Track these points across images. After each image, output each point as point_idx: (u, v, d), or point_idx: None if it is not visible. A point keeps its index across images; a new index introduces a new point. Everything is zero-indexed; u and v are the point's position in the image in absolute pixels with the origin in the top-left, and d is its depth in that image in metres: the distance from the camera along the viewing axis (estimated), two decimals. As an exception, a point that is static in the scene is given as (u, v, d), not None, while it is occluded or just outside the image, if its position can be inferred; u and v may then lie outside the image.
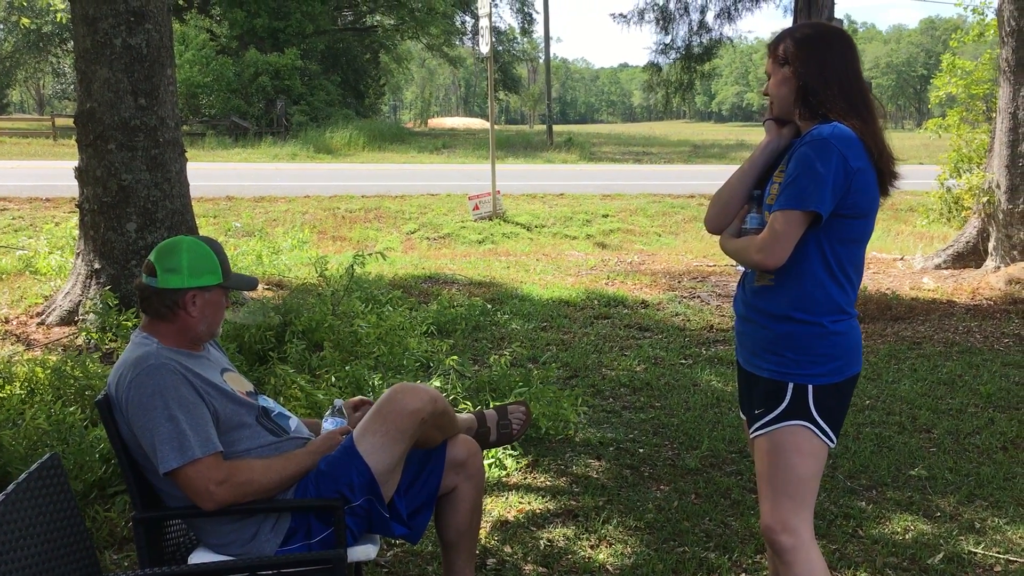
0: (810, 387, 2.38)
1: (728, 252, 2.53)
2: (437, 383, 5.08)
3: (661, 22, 18.92)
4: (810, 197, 2.27)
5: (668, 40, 19.07)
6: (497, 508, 3.84)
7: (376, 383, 4.88)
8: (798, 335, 2.38)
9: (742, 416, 2.74)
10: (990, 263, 9.12)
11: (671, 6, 18.84)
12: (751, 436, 2.50)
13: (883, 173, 2.38)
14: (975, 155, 11.43)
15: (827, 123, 2.34)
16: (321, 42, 35.45)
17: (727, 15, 18.59)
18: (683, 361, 6.16)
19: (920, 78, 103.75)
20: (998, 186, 8.99)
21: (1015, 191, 8.84)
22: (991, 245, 9.21)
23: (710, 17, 18.60)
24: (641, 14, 19.17)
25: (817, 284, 2.36)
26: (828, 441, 2.41)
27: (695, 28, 18.72)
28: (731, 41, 20.30)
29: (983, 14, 12.48)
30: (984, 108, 11.82)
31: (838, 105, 2.36)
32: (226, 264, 2.67)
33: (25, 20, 29.10)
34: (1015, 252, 8.86)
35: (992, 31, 11.53)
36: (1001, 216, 8.95)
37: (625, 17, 19.63)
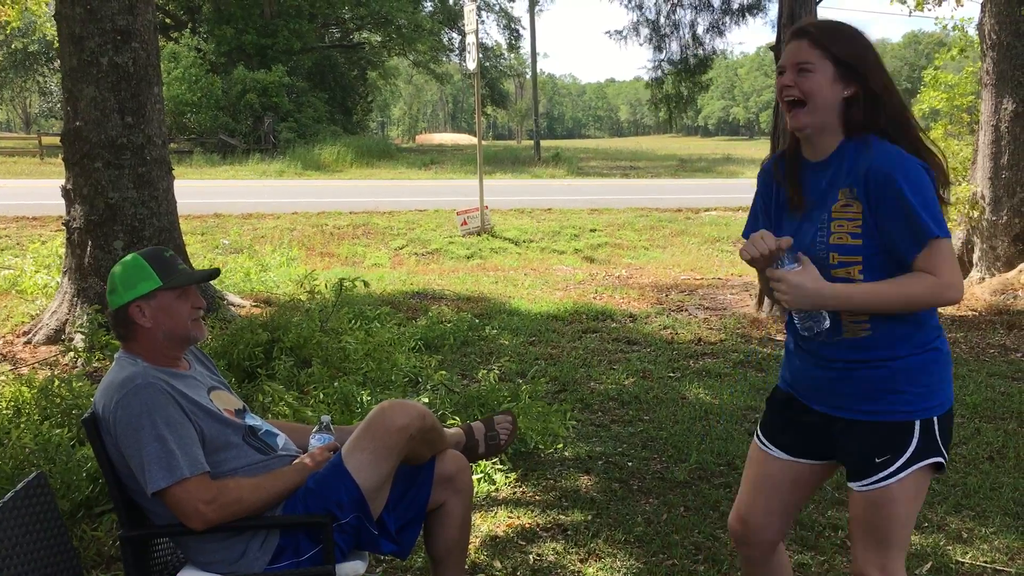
0: (936, 420, 2.18)
1: (875, 302, 2.13)
2: (425, 399, 5.07)
3: (654, 39, 19.16)
4: (946, 223, 2.09)
5: (663, 56, 19.36)
6: (486, 523, 3.83)
7: (364, 399, 4.87)
8: (919, 366, 2.17)
9: (772, 450, 2.43)
10: (975, 274, 9.18)
11: (661, 21, 19.08)
12: (865, 488, 2.20)
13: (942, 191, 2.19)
14: (960, 167, 11.52)
15: (871, 138, 2.14)
16: (308, 59, 35.55)
17: (716, 29, 18.85)
18: (671, 374, 6.18)
19: (904, 91, 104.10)
20: (982, 198, 9.07)
21: (998, 203, 8.91)
22: (976, 256, 9.27)
23: (701, 31, 18.88)
24: (635, 28, 19.40)
25: (919, 312, 2.17)
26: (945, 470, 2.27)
27: (688, 43, 18.99)
28: (723, 54, 20.61)
29: (963, 30, 12.61)
30: (968, 120, 11.91)
31: (897, 118, 2.15)
32: (167, 267, 2.59)
33: (19, 43, 29.11)
34: (999, 263, 8.93)
35: (974, 47, 11.65)
36: (985, 228, 9.02)
37: (620, 32, 19.86)
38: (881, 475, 2.18)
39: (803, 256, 2.18)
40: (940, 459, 2.19)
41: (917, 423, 2.16)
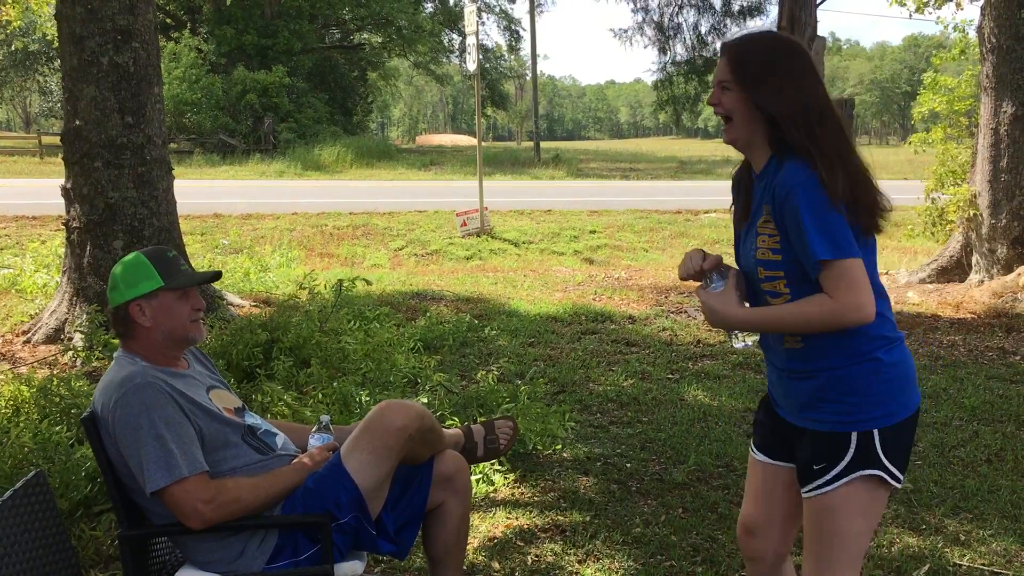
0: (876, 432, 2.12)
1: (778, 326, 2.16)
2: (424, 399, 5.08)
3: (659, 41, 19.27)
4: (838, 244, 2.02)
5: (667, 58, 19.49)
6: (485, 524, 3.84)
7: (364, 399, 4.88)
8: (854, 377, 2.13)
9: (759, 455, 2.45)
10: (974, 277, 9.19)
11: (665, 23, 19.17)
12: (807, 495, 2.22)
13: (864, 213, 2.09)
14: (959, 170, 11.54)
15: (788, 154, 2.11)
16: (309, 60, 35.57)
17: (718, 31, 18.95)
18: (670, 376, 6.18)
19: (904, 94, 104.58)
20: (981, 201, 9.08)
21: (997, 206, 8.93)
22: (975, 259, 9.28)
23: (703, 31, 18.99)
24: (640, 28, 19.51)
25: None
26: (898, 484, 2.17)
27: (693, 44, 19.09)
28: None
29: (964, 31, 12.63)
30: (967, 123, 11.93)
31: (804, 141, 2.07)
32: (169, 268, 2.60)
33: (20, 43, 29.09)
34: (998, 266, 8.94)
35: (974, 48, 11.67)
36: (984, 231, 9.04)
37: (626, 32, 19.95)
38: (818, 483, 2.18)
39: (732, 275, 2.23)
40: (879, 472, 2.13)
41: (854, 435, 2.13)
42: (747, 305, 2.24)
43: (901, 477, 2.17)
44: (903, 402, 2.15)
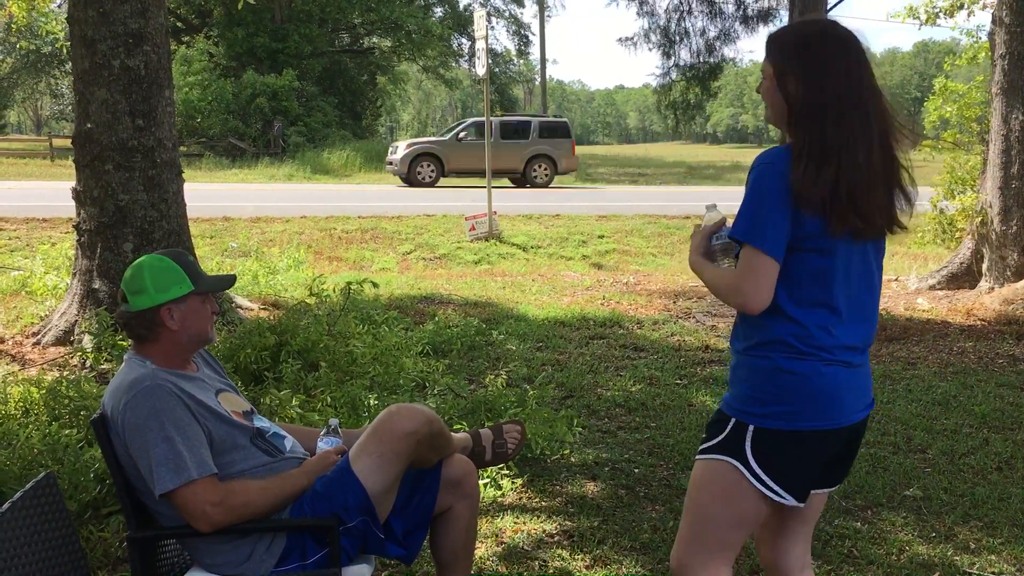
0: (751, 428, 2.14)
1: (709, 285, 2.24)
2: (432, 403, 5.07)
3: (664, 46, 19.20)
4: (756, 232, 2.03)
5: (671, 64, 19.41)
6: (492, 528, 3.83)
7: (372, 403, 4.88)
8: (748, 367, 2.16)
9: None
10: (984, 284, 9.15)
11: (672, 28, 19.10)
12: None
13: (835, 212, 2.02)
14: (969, 177, 11.51)
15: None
16: (318, 64, 35.65)
17: (728, 37, 18.88)
18: (678, 381, 6.17)
19: (914, 100, 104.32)
20: (991, 208, 9.05)
21: (1008, 213, 8.89)
22: (985, 266, 9.25)
23: (712, 36, 18.91)
24: (646, 35, 19.46)
25: (764, 317, 2.09)
26: (765, 490, 2.14)
27: (700, 49, 19.01)
28: (733, 62, 20.62)
29: (976, 36, 12.61)
30: (978, 130, 11.89)
31: (801, 129, 2.06)
32: (194, 270, 2.63)
33: (24, 44, 29.24)
34: (1008, 273, 8.90)
35: (985, 53, 11.64)
36: (994, 237, 9.00)
37: (631, 39, 19.91)
38: (699, 449, 2.27)
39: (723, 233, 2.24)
40: (737, 463, 2.15)
41: (732, 420, 2.18)
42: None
43: (778, 489, 2.14)
44: (788, 412, 2.10)
